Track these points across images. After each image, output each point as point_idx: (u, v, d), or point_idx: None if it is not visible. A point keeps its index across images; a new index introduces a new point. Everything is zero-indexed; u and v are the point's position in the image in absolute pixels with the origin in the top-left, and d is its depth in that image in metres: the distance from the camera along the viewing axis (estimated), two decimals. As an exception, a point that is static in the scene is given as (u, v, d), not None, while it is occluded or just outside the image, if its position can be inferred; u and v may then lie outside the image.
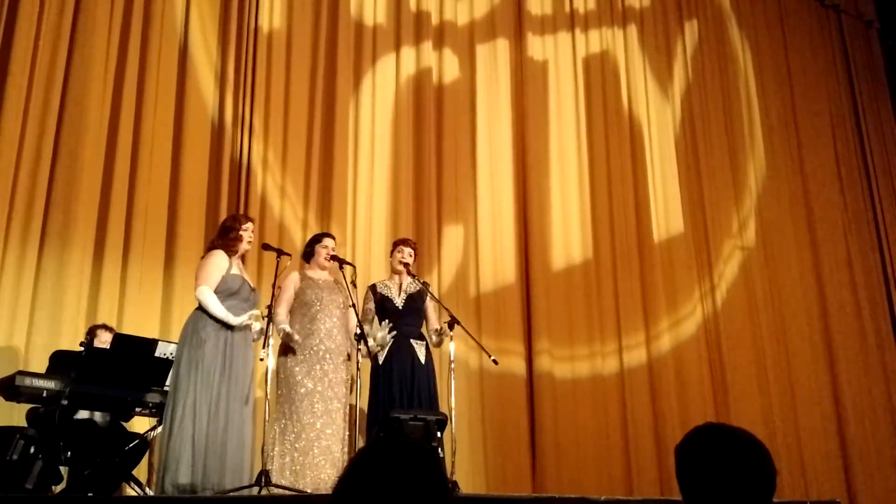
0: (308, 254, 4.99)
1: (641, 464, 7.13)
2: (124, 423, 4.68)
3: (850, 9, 10.59)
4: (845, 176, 9.77)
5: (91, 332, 4.84)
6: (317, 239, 5.03)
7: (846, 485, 8.25)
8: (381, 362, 4.79)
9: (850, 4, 10.59)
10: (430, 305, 5.10)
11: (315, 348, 4.63)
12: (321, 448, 4.48)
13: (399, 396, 4.75)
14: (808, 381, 8.47)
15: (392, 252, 5.23)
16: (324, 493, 4.22)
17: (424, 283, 5.11)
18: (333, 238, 5.05)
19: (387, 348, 4.82)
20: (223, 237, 4.55)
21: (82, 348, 4.49)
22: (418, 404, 4.72)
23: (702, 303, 8.14)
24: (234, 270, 4.46)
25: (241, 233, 4.55)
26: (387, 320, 4.82)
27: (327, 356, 4.63)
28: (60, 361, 4.54)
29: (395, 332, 4.81)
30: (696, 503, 1.68)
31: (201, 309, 4.33)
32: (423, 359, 4.88)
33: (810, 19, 10.34)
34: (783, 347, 8.47)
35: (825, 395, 8.55)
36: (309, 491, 4.33)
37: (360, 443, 4.67)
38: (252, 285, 4.59)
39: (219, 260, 4.43)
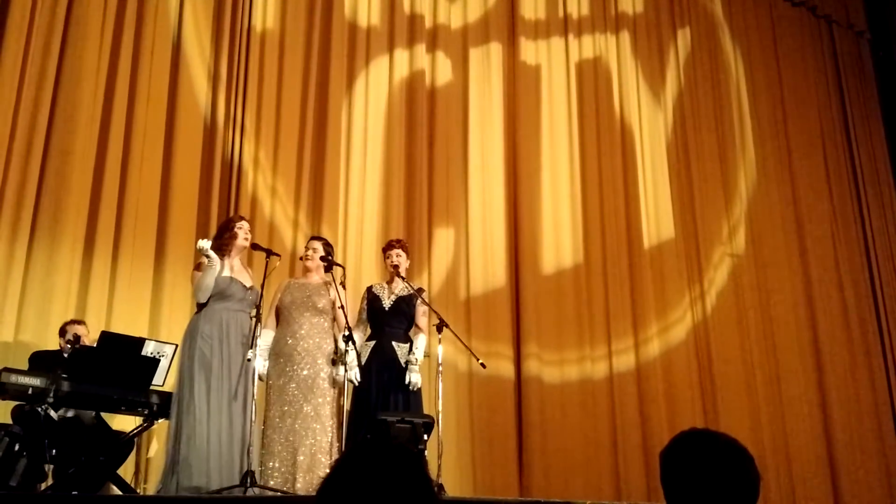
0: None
1: (629, 468, 7.14)
2: (107, 421, 4.66)
3: (841, 19, 10.66)
4: (834, 184, 9.83)
5: (63, 332, 4.79)
6: (307, 244, 5.07)
7: (833, 490, 8.28)
8: (362, 364, 4.75)
9: (841, 15, 10.66)
10: (420, 310, 5.08)
11: (289, 350, 4.61)
12: (291, 450, 4.44)
13: (375, 398, 4.73)
14: (796, 386, 8.50)
15: (384, 257, 5.25)
16: (295, 494, 4.21)
17: (419, 290, 5.12)
18: (320, 240, 5.04)
19: (365, 356, 4.80)
20: (218, 238, 4.57)
21: (70, 346, 4.47)
22: (394, 407, 4.69)
23: (691, 308, 8.16)
24: (225, 272, 4.45)
25: (235, 230, 4.55)
26: (357, 371, 4.72)
27: (305, 358, 4.59)
28: (41, 361, 4.51)
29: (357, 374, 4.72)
30: (679, 508, 1.68)
31: (200, 311, 4.38)
32: (403, 362, 4.87)
33: (802, 29, 10.39)
34: (772, 353, 8.51)
35: (813, 401, 8.58)
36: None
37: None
38: (247, 284, 4.54)
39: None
